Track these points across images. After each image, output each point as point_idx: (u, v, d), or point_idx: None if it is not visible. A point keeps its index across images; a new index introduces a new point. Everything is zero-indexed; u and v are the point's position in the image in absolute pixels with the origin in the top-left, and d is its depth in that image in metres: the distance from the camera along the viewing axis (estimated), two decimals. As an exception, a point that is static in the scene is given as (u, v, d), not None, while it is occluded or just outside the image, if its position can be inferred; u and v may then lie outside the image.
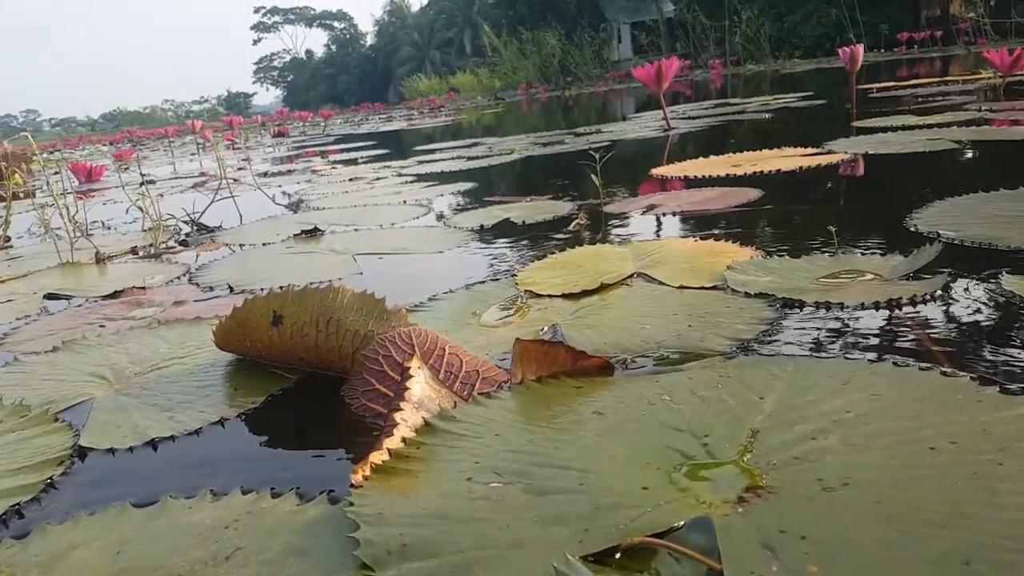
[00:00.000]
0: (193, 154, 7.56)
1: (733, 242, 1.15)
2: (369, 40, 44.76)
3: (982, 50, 9.72)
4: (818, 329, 0.77)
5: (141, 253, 1.78)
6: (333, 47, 46.09)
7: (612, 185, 1.94)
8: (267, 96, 58.75)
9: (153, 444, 0.68)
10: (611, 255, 1.19)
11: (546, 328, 0.87)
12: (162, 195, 3.23)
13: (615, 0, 24.94)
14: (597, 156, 1.56)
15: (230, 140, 9.10)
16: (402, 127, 8.64)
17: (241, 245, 1.72)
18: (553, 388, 0.67)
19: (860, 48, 3.11)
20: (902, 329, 0.75)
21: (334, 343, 0.75)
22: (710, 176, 1.86)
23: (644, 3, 23.52)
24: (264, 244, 1.68)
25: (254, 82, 52.40)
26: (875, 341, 0.73)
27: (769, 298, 0.87)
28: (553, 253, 1.24)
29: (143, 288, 1.36)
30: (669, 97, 8.13)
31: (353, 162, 4.15)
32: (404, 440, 0.57)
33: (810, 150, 2.11)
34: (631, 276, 1.05)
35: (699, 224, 1.38)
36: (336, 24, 47.12)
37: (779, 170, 1.82)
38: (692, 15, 17.42)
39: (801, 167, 1.83)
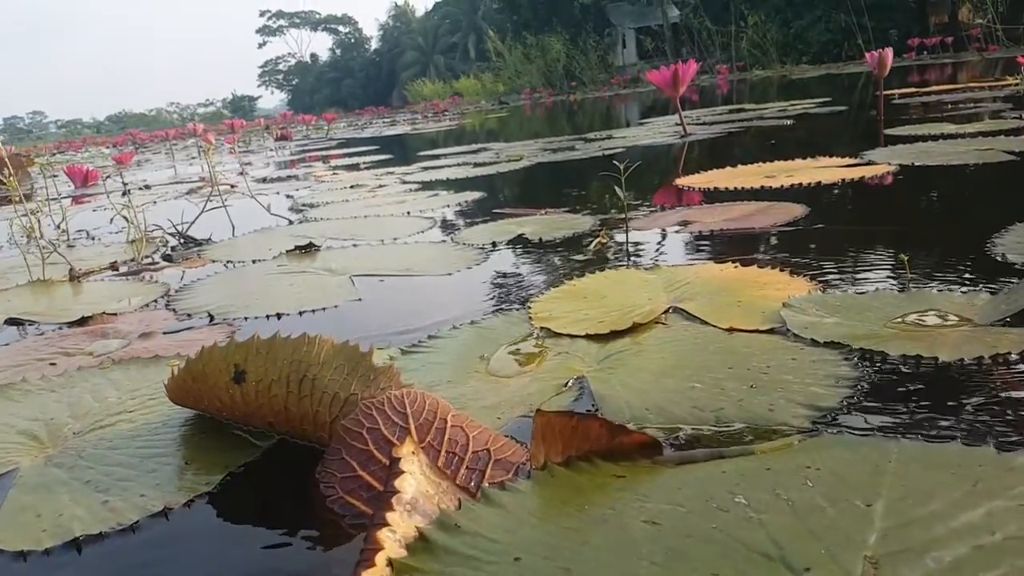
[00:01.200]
0: (193, 157, 7.45)
1: (782, 269, 1.00)
2: (373, 44, 44.84)
3: (997, 56, 9.56)
4: (913, 394, 0.62)
5: (121, 269, 1.64)
6: (338, 51, 46.16)
7: (633, 196, 1.79)
8: (272, 99, 58.93)
9: (77, 545, 0.53)
10: (639, 283, 1.04)
11: (570, 382, 0.72)
12: (155, 202, 3.10)
13: (620, 5, 24.87)
14: (622, 166, 1.41)
15: (231, 143, 9.00)
16: (406, 131, 8.52)
17: (229, 262, 1.57)
18: (586, 476, 0.52)
19: (889, 52, 2.96)
20: (1022, 396, 0.60)
21: (308, 408, 0.60)
22: (743, 188, 1.71)
23: (649, 8, 23.44)
24: (254, 261, 1.54)
25: (259, 85, 52.57)
26: (991, 414, 0.58)
27: (842, 348, 0.72)
28: (571, 278, 1.09)
29: (114, 314, 1.21)
30: (664, 103, 8.00)
31: (355, 167, 4.02)
32: (391, 564, 0.43)
33: (847, 160, 1.96)
34: (666, 312, 0.90)
35: (739, 245, 1.23)
36: (341, 28, 47.20)
37: (819, 183, 1.66)
38: (699, 20, 17.30)
39: (843, 180, 1.68)
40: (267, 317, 1.08)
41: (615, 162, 1.46)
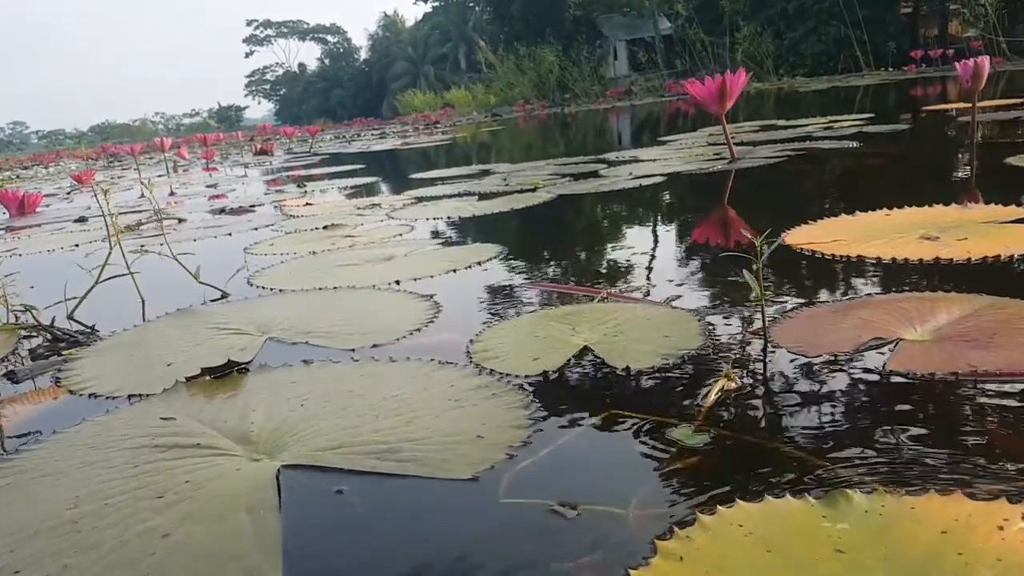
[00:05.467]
0: (161, 175, 6.80)
1: None
2: (363, 54, 44.38)
3: (1004, 69, 9.15)
4: None
5: (-70, 396, 1.02)
6: (326, 61, 45.62)
7: (733, 265, 1.20)
8: (260, 109, 58.24)
9: None
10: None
11: None
12: (76, 245, 2.47)
13: (612, 17, 24.64)
14: (759, 242, 0.82)
15: (207, 158, 8.37)
16: (396, 146, 7.92)
17: (94, 395, 0.95)
18: None
19: (986, 61, 2.41)
20: None
21: None
22: (906, 261, 1.12)
23: (641, 20, 23.17)
24: (132, 397, 0.92)
25: (246, 95, 51.87)
26: None
27: None
28: (684, 536, 0.50)
29: None
30: (668, 118, 7.46)
31: (334, 190, 3.41)
32: None
33: (1013, 209, 1.37)
34: None
35: (1010, 425, 0.63)
36: (329, 38, 46.68)
37: (1032, 255, 1.08)
38: (693, 31, 16.96)
39: (1067, 250, 1.09)
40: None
41: (758, 244, 0.87)
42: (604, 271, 1.35)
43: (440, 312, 1.16)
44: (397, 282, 1.40)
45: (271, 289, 1.46)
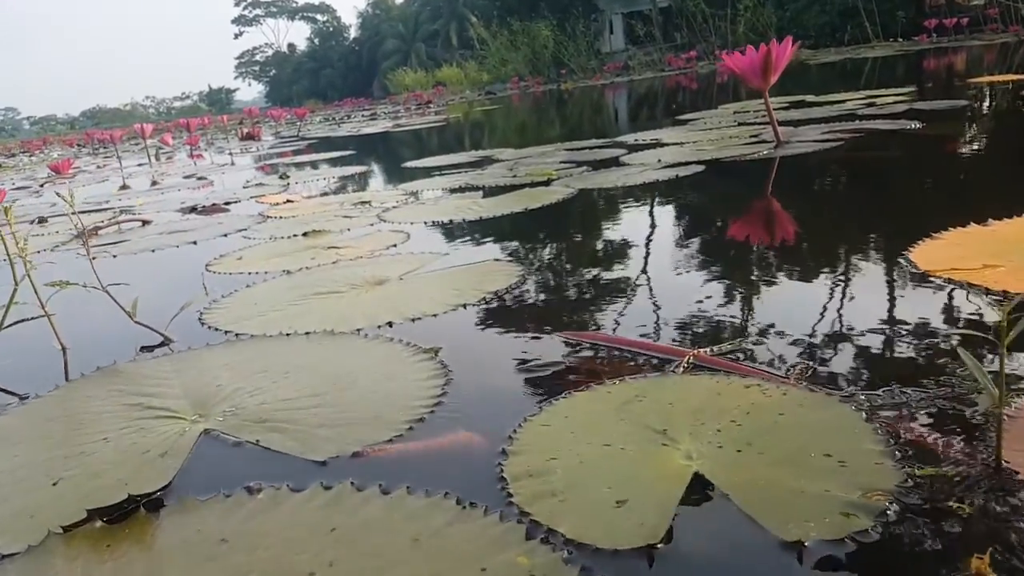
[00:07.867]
0: (142, 163, 6.40)
1: None
2: (352, 33, 43.43)
3: (1024, 39, 8.77)
4: None
5: None
6: (316, 40, 44.67)
7: (846, 294, 0.86)
8: (250, 91, 57.35)
9: None
10: None
11: None
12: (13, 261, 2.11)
13: (608, -11, 23.91)
14: (1009, 318, 0.48)
15: (191, 144, 7.97)
16: (388, 128, 7.51)
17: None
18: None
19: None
20: None
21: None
22: None
23: (638, -9, 22.48)
24: (-27, 563, 0.59)
25: (236, 77, 50.96)
26: None
27: None
28: None
29: None
30: (672, 94, 7.05)
31: (319, 181, 3.04)
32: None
33: None
34: None
35: None
36: (319, 17, 45.67)
37: None
38: (693, 2, 16.42)
39: None
40: None
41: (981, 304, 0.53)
42: (670, 310, 1.00)
43: (450, 382, 0.82)
44: (390, 324, 1.05)
45: (226, 333, 1.11)
